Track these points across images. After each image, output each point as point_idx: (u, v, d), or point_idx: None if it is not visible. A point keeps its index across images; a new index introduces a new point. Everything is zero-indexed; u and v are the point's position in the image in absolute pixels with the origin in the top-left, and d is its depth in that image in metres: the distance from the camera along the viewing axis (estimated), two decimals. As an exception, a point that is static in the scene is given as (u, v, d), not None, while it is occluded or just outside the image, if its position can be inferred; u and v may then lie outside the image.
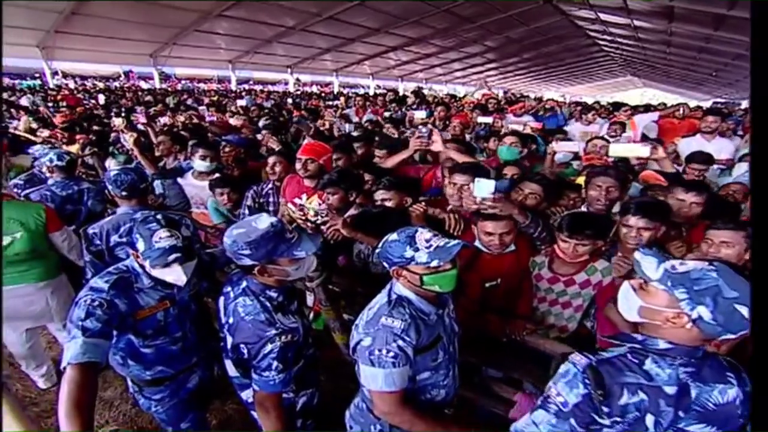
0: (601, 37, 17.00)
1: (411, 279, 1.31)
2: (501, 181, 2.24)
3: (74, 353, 1.24)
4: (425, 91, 14.67)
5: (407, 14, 13.17)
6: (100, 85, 15.49)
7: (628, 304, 1.11)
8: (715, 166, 3.66)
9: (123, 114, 5.75)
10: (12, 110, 7.72)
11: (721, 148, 3.96)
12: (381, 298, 1.37)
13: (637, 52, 17.63)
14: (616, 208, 2.18)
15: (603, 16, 12.97)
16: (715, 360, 1.05)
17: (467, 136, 4.71)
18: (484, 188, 1.81)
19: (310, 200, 2.38)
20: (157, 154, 3.67)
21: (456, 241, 1.27)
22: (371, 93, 15.41)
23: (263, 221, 1.42)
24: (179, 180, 3.29)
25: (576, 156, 3.35)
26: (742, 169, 3.27)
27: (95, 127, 5.28)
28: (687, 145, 3.91)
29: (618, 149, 2.65)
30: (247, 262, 1.39)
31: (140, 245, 1.45)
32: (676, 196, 2.18)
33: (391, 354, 1.23)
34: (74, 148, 4.13)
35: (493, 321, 2.00)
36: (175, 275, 1.49)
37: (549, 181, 2.40)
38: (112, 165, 3.52)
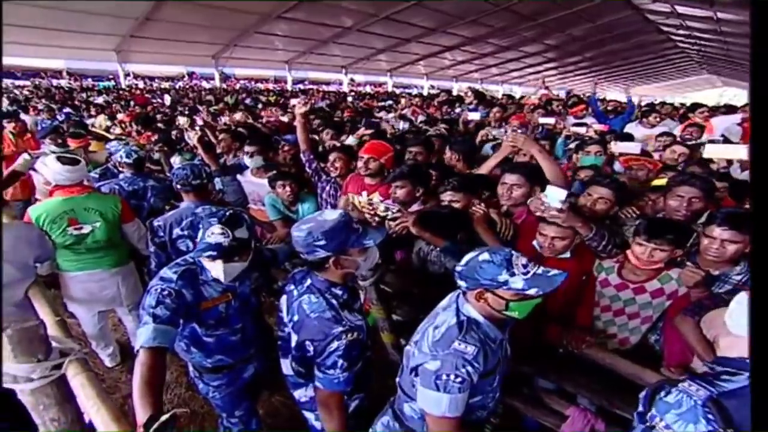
0: (676, 32, 15.71)
1: (493, 303, 1.25)
2: (572, 188, 2.16)
3: (146, 338, 1.32)
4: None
5: (464, 13, 12.95)
6: (166, 85, 16.61)
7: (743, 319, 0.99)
8: None
9: (187, 113, 6.12)
10: (91, 109, 8.51)
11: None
12: (449, 318, 1.31)
13: (718, 48, 16.11)
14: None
15: (680, 9, 11.97)
16: None
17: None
18: (555, 197, 1.76)
19: (371, 196, 2.40)
20: (218, 151, 3.85)
21: (558, 272, 1.21)
22: (425, 93, 15.32)
23: (331, 213, 1.44)
24: (239, 177, 3.43)
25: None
26: None
27: (161, 126, 5.66)
28: None
29: (714, 149, 2.43)
30: (321, 254, 1.39)
31: (199, 235, 1.53)
32: None
33: (459, 379, 1.19)
34: (143, 144, 4.46)
35: (552, 330, 1.90)
36: (216, 271, 1.54)
37: (620, 185, 2.24)
38: (177, 162, 3.74)
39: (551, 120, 4.59)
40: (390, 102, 9.82)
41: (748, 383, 0.90)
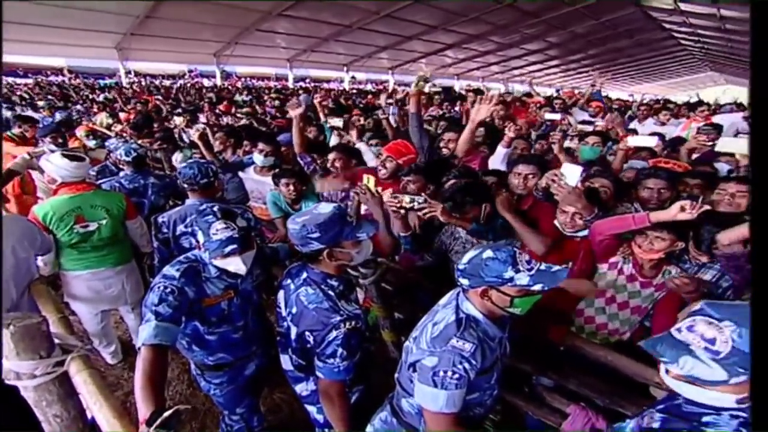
0: (679, 29, 15.62)
1: (497, 300, 1.25)
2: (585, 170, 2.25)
3: (148, 335, 1.32)
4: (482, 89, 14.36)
5: (467, 11, 12.89)
6: (167, 83, 16.59)
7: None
8: None
9: (183, 113, 6.11)
10: (93, 107, 8.53)
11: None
12: (448, 315, 1.32)
13: (720, 45, 16.01)
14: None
15: (683, 6, 11.90)
16: None
17: (533, 134, 4.54)
18: (572, 174, 1.87)
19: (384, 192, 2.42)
20: (216, 149, 3.83)
21: (561, 267, 1.23)
22: (426, 91, 15.29)
23: (326, 207, 1.47)
24: (240, 174, 3.43)
25: (653, 153, 3.17)
26: None
27: (164, 124, 5.67)
28: None
29: (728, 144, 2.44)
30: (315, 246, 1.42)
31: (200, 237, 1.53)
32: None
33: (456, 376, 1.20)
34: (143, 142, 4.45)
35: (554, 328, 1.91)
36: (235, 265, 1.55)
37: (617, 178, 2.45)
38: (178, 159, 3.74)
39: (557, 116, 4.60)
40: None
41: (737, 429, 0.91)
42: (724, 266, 1.83)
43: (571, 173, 1.86)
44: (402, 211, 2.06)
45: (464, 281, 1.28)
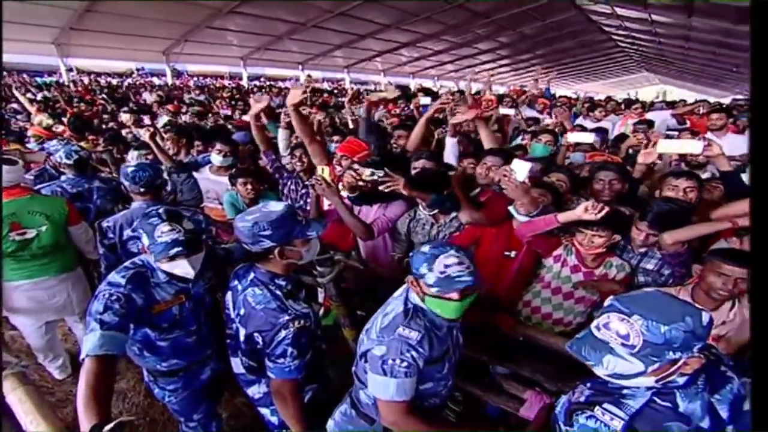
0: (617, 32, 16.67)
1: (418, 293, 1.32)
2: (534, 165, 2.33)
3: (92, 345, 1.27)
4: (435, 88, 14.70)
5: (419, 10, 13.08)
6: (114, 81, 15.64)
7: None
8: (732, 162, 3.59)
9: (131, 110, 5.82)
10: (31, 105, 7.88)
11: (733, 145, 3.89)
12: (397, 306, 1.36)
13: (653, 48, 17.24)
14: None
15: (619, 11, 12.72)
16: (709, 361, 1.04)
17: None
18: (521, 170, 1.90)
19: (354, 167, 2.45)
20: (169, 150, 3.70)
21: (469, 279, 1.23)
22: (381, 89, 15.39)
23: (276, 205, 1.47)
24: (195, 174, 3.34)
25: (593, 147, 3.35)
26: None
27: (110, 125, 5.37)
28: None
29: (669, 145, 2.62)
30: (266, 244, 1.41)
31: (145, 240, 1.48)
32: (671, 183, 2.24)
33: (405, 364, 1.24)
34: (86, 145, 4.20)
35: (505, 319, 2.01)
36: (182, 269, 1.51)
37: (572, 173, 2.56)
38: (134, 157, 3.57)
39: (511, 111, 4.79)
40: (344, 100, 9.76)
41: (650, 397, 0.99)
42: (668, 260, 1.95)
43: (520, 169, 1.90)
44: (361, 183, 2.11)
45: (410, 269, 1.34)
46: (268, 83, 18.77)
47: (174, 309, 1.58)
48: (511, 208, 2.03)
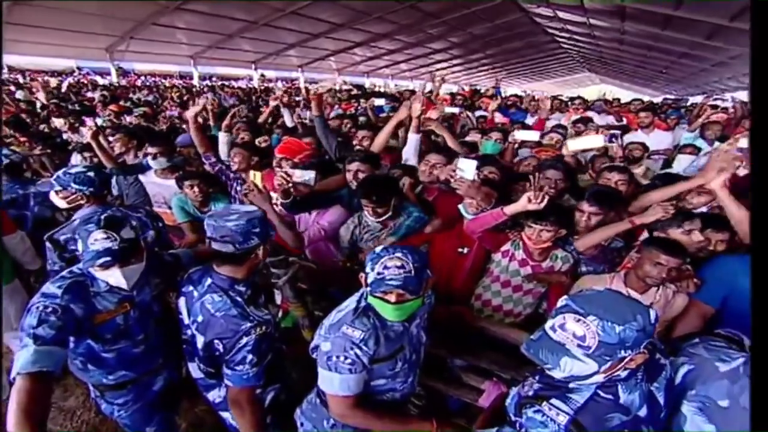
0: (560, 35, 17.51)
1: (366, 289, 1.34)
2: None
3: (24, 362, 1.20)
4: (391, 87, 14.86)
5: (371, 10, 13.10)
6: (54, 81, 14.48)
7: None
8: (656, 157, 3.95)
9: (69, 114, 5.46)
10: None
11: (660, 140, 4.25)
12: (350, 303, 1.39)
13: (593, 49, 18.26)
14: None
15: (560, 14, 13.38)
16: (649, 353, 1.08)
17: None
18: (468, 168, 1.96)
19: (285, 170, 2.37)
20: (116, 152, 3.52)
21: (398, 283, 1.24)
22: (338, 89, 15.33)
23: (248, 207, 1.48)
24: (141, 177, 3.20)
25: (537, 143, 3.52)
26: (682, 162, 3.50)
27: (42, 127, 5.02)
28: (630, 139, 4.20)
29: (576, 144, 2.78)
30: (255, 242, 1.42)
31: (79, 246, 1.42)
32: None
33: (348, 361, 1.27)
34: (19, 148, 3.90)
35: (465, 312, 2.09)
36: (115, 278, 1.44)
37: (503, 165, 2.66)
38: (77, 160, 3.35)
39: (455, 110, 4.95)
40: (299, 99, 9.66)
41: (594, 390, 1.03)
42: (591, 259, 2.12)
43: (468, 167, 1.97)
44: (291, 186, 2.07)
45: None
46: (220, 83, 18.15)
47: (118, 319, 1.52)
48: (461, 207, 2.11)
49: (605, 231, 2.02)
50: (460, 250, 2.16)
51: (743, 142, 3.12)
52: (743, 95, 12.92)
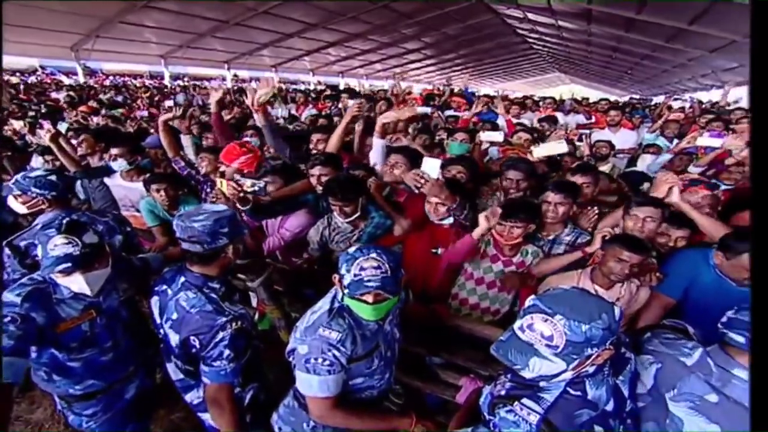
0: (530, 36, 17.94)
1: (341, 290, 1.34)
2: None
3: None
4: (366, 87, 14.85)
5: (344, 10, 13.09)
6: (15, 80, 13.76)
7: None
8: (622, 155, 4.13)
9: (25, 117, 5.24)
10: None
11: (625, 139, 4.44)
12: (324, 304, 1.39)
13: (562, 50, 18.80)
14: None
15: (530, 16, 13.71)
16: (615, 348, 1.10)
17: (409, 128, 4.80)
18: (432, 168, 1.97)
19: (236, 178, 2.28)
20: (80, 153, 3.38)
21: (377, 284, 1.26)
22: (312, 88, 15.22)
23: (217, 206, 1.47)
24: (106, 181, 3.10)
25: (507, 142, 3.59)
26: (646, 161, 3.66)
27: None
28: (596, 137, 4.36)
29: (540, 150, 2.85)
30: (223, 242, 1.41)
31: (39, 251, 1.38)
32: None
33: (327, 362, 1.27)
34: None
35: (439, 309, 2.11)
36: (78, 285, 1.41)
37: (472, 161, 2.66)
38: (39, 163, 3.20)
39: (428, 109, 5.01)
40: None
41: (564, 388, 1.05)
42: (573, 248, 2.14)
43: (432, 167, 1.99)
44: (242, 195, 2.02)
45: None
46: (191, 83, 17.72)
47: (83, 326, 1.47)
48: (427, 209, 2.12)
49: (560, 260, 2.08)
50: (433, 250, 2.18)
51: (700, 140, 3.31)
52: (702, 95, 13.63)
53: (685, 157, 3.41)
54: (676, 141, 4.21)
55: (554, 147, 2.85)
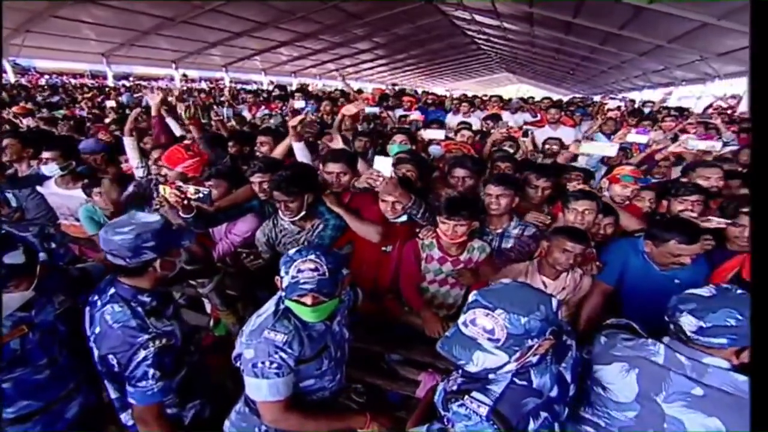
0: (478, 37, 18.52)
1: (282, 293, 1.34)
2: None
3: None
4: (318, 86, 14.74)
5: (294, 9, 12.90)
6: None
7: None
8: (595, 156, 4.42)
9: None
10: None
11: (565, 135, 4.72)
12: (269, 307, 1.38)
13: (508, 51, 19.56)
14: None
15: (477, 17, 14.16)
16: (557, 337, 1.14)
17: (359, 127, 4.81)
18: (384, 166, 1.98)
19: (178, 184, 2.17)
20: (4, 159, 3.12)
21: (312, 286, 1.26)
22: (264, 88, 14.86)
23: (149, 216, 1.39)
24: (40, 189, 2.88)
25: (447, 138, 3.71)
26: (583, 158, 3.91)
27: None
28: (539, 134, 4.61)
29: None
30: (149, 256, 1.33)
31: None
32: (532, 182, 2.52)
33: (275, 365, 1.26)
34: None
35: (392, 306, 2.15)
36: None
37: (421, 159, 2.69)
38: None
39: (376, 109, 5.11)
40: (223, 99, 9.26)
41: (510, 379, 1.08)
42: (522, 240, 2.21)
43: (384, 166, 1.98)
44: (186, 202, 1.96)
45: None
46: (137, 83, 16.75)
47: (13, 343, 1.37)
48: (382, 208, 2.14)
49: (510, 268, 2.14)
50: (383, 248, 2.20)
51: (630, 136, 3.64)
52: (635, 95, 14.69)
53: (620, 152, 3.70)
54: (612, 137, 4.54)
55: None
